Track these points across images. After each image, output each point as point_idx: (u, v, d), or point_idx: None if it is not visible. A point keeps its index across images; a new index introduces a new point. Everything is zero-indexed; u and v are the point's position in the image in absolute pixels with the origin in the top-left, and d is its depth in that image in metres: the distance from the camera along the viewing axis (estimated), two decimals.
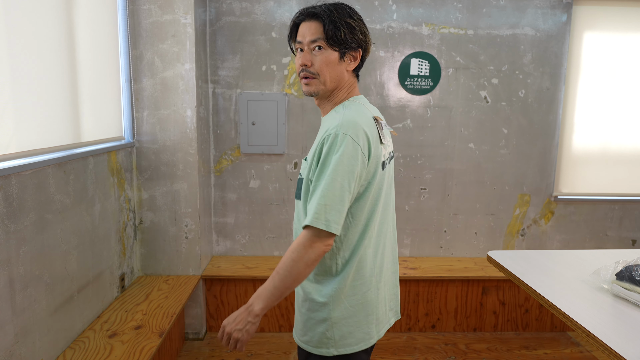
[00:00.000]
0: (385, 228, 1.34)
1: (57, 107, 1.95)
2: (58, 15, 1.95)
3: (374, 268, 1.30)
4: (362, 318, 1.28)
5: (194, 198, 2.77)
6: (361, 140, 1.18)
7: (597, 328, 1.34)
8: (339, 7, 1.26)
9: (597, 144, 3.26)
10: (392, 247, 1.40)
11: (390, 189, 1.37)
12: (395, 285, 1.43)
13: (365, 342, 1.29)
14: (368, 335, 1.29)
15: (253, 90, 3.06)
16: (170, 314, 2.35)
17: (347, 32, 1.24)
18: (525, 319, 3.12)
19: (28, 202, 1.70)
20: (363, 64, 1.34)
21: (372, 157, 1.21)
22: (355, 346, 1.27)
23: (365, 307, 1.28)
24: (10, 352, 1.62)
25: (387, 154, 1.32)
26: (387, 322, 1.39)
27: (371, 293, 1.29)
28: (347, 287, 1.25)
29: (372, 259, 1.29)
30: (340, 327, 1.25)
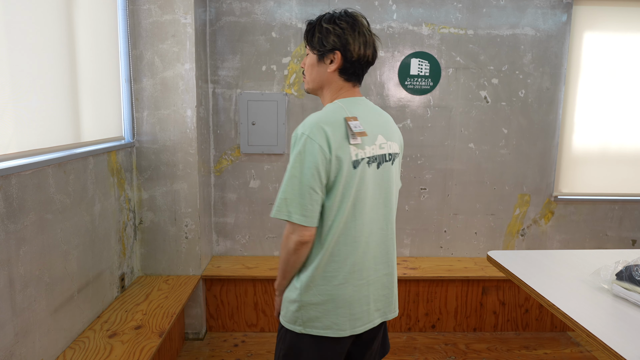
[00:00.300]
0: (370, 228, 1.38)
1: (57, 107, 1.95)
2: (58, 15, 1.95)
3: (350, 265, 1.35)
4: (330, 308, 1.36)
5: (194, 198, 2.77)
6: (319, 139, 1.27)
7: (597, 328, 1.34)
8: (328, 14, 1.39)
9: (597, 144, 3.26)
10: (385, 249, 1.42)
11: (378, 189, 1.39)
12: (386, 287, 1.44)
13: (333, 331, 1.37)
14: (337, 326, 1.37)
15: (253, 90, 3.06)
16: (170, 314, 2.35)
17: (322, 37, 1.36)
18: (525, 319, 3.12)
19: (28, 202, 1.70)
20: (353, 67, 1.38)
21: (334, 155, 1.28)
22: (322, 330, 1.37)
23: (336, 299, 1.36)
24: (10, 352, 1.62)
25: (369, 155, 1.35)
26: (369, 322, 1.42)
27: (345, 288, 1.36)
28: (317, 276, 1.35)
29: (346, 255, 1.35)
30: (308, 310, 1.37)
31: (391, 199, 1.43)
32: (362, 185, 1.34)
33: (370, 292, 1.41)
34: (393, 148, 1.42)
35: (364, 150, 1.33)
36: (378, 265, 1.41)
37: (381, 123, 1.41)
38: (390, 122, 1.47)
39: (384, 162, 1.39)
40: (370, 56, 1.38)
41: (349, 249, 1.35)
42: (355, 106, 1.38)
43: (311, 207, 1.28)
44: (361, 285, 1.38)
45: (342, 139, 1.29)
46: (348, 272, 1.35)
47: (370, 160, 1.35)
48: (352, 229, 1.34)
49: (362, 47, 1.35)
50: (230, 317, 3.03)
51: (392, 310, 1.49)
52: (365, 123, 1.35)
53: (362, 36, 1.35)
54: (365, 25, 1.38)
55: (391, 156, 1.42)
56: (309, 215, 1.28)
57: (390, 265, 1.45)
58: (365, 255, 1.38)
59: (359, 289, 1.38)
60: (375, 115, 1.41)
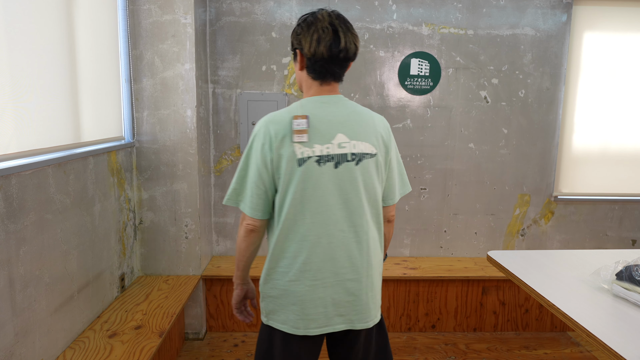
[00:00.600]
0: (324, 229, 1.35)
1: (57, 107, 1.95)
2: (58, 15, 1.95)
3: (300, 263, 1.36)
4: (285, 304, 1.39)
5: (194, 198, 2.77)
6: (263, 136, 1.34)
7: (597, 328, 1.34)
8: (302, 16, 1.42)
9: (597, 144, 3.26)
10: (347, 253, 1.37)
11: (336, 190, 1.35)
12: (351, 293, 1.38)
13: (288, 326, 1.39)
14: (291, 322, 1.39)
15: (253, 90, 3.07)
16: (170, 314, 2.35)
17: (291, 38, 1.43)
18: (525, 319, 3.12)
19: (28, 202, 1.70)
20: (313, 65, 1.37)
21: (275, 153, 1.32)
22: (280, 324, 1.40)
23: (289, 296, 1.38)
24: (10, 352, 1.62)
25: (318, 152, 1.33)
26: (326, 325, 1.39)
27: (297, 286, 1.37)
28: (272, 270, 1.40)
29: (295, 253, 1.36)
30: (268, 302, 1.43)
31: (354, 201, 1.36)
32: (310, 183, 1.33)
33: (327, 294, 1.37)
34: (361, 148, 1.37)
35: (312, 148, 1.33)
36: (339, 269, 1.37)
37: (348, 122, 1.37)
38: (369, 122, 1.40)
39: (345, 162, 1.35)
40: (324, 52, 1.33)
41: (298, 246, 1.35)
42: (317, 104, 1.38)
43: (256, 200, 1.36)
44: (315, 286, 1.36)
45: (286, 137, 1.32)
46: (299, 271, 1.36)
47: (321, 159, 1.33)
48: (301, 227, 1.35)
49: (315, 43, 1.33)
50: (230, 317, 3.03)
51: (363, 319, 1.41)
52: (320, 122, 1.34)
53: (316, 33, 1.33)
54: (325, 21, 1.34)
55: (355, 156, 1.36)
56: (254, 208, 1.36)
57: (357, 271, 1.39)
58: (318, 255, 1.35)
59: (312, 289, 1.36)
60: (341, 114, 1.37)
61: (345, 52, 1.35)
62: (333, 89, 1.41)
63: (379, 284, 1.48)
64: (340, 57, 1.35)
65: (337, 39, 1.33)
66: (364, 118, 1.40)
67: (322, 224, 1.35)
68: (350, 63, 1.41)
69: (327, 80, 1.39)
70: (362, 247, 1.39)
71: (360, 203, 1.37)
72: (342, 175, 1.35)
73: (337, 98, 1.41)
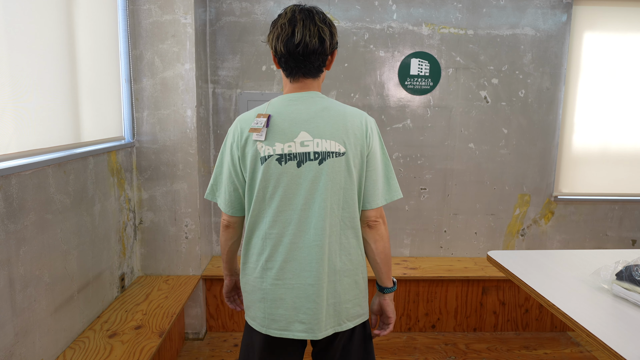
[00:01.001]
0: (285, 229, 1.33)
1: (57, 107, 1.95)
2: (58, 15, 1.95)
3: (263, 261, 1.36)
4: (253, 300, 1.40)
5: (194, 198, 2.77)
6: (232, 135, 1.37)
7: (597, 328, 1.34)
8: None
9: (597, 144, 3.26)
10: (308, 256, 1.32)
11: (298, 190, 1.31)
12: (311, 299, 1.32)
13: (257, 323, 1.39)
14: (259, 320, 1.39)
15: (253, 90, 3.06)
16: (170, 314, 2.35)
17: None
18: (525, 319, 3.12)
19: (28, 202, 1.70)
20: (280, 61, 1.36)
21: (241, 151, 1.34)
22: (250, 320, 1.42)
23: (255, 292, 1.38)
24: (10, 352, 1.62)
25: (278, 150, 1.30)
26: (285, 329, 1.35)
27: (262, 283, 1.37)
28: (244, 265, 1.42)
29: (259, 250, 1.37)
30: (244, 297, 1.45)
31: (318, 202, 1.31)
32: (271, 182, 1.31)
33: (288, 297, 1.33)
34: (324, 146, 1.31)
35: (273, 147, 1.30)
36: (300, 271, 1.32)
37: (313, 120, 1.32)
38: (338, 119, 1.33)
39: (308, 161, 1.30)
40: (282, 49, 1.30)
41: (261, 244, 1.35)
42: (284, 102, 1.36)
43: (229, 196, 1.40)
44: (277, 285, 1.34)
45: (250, 136, 1.33)
46: (262, 268, 1.36)
47: (282, 157, 1.30)
48: (263, 225, 1.35)
49: (274, 41, 1.32)
50: (230, 317, 3.03)
51: (322, 328, 1.34)
52: (283, 120, 1.32)
53: (276, 30, 1.31)
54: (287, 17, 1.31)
55: (318, 155, 1.30)
56: (228, 204, 1.41)
57: (317, 276, 1.32)
58: (280, 254, 1.33)
59: (274, 289, 1.34)
60: (308, 111, 1.33)
61: (304, 47, 1.29)
62: (305, 85, 1.37)
63: (349, 292, 1.38)
64: (300, 52, 1.30)
65: (293, 34, 1.29)
66: (333, 115, 1.33)
67: (284, 223, 1.33)
68: (322, 57, 1.34)
69: (296, 76, 1.36)
70: (323, 251, 1.32)
71: (324, 204, 1.31)
72: (304, 174, 1.31)
73: (307, 95, 1.36)
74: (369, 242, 1.43)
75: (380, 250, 1.43)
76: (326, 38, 1.32)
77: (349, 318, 1.40)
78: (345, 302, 1.38)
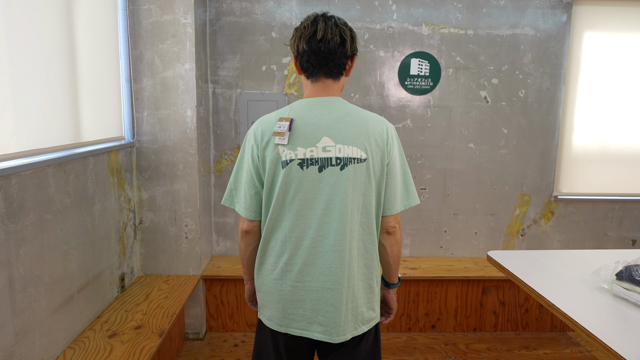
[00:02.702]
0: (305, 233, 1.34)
1: (57, 107, 1.95)
2: (58, 15, 1.95)
3: (283, 264, 1.37)
4: (270, 300, 1.41)
5: (194, 198, 2.77)
6: (252, 138, 1.37)
7: (597, 328, 1.34)
8: None
9: (597, 143, 3.26)
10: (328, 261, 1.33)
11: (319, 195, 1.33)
12: (330, 303, 1.34)
13: (273, 323, 1.41)
14: (276, 319, 1.41)
15: (253, 90, 3.07)
16: (170, 314, 2.35)
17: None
18: (525, 319, 3.12)
19: (28, 202, 1.70)
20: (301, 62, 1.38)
21: (261, 155, 1.35)
22: (266, 320, 1.43)
23: (273, 293, 1.40)
24: (10, 352, 1.62)
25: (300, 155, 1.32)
26: (305, 329, 1.38)
27: (281, 284, 1.38)
28: (260, 267, 1.43)
29: (279, 253, 1.37)
30: (259, 297, 1.47)
31: (339, 207, 1.31)
32: (292, 186, 1.32)
33: (307, 298, 1.35)
34: (346, 152, 1.32)
35: (295, 151, 1.31)
36: (319, 275, 1.34)
37: (336, 125, 1.33)
38: (360, 125, 1.34)
39: (329, 166, 1.31)
40: (305, 46, 1.33)
41: (281, 246, 1.36)
42: (306, 106, 1.36)
43: (250, 200, 1.39)
44: (297, 287, 1.36)
45: (271, 139, 1.33)
46: (282, 271, 1.37)
47: (304, 162, 1.31)
48: (281, 229, 1.36)
49: (297, 41, 1.35)
50: (230, 317, 3.03)
51: (341, 333, 1.36)
52: (306, 125, 1.32)
53: (299, 31, 1.35)
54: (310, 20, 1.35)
55: (340, 160, 1.32)
56: (248, 209, 1.39)
57: (337, 281, 1.33)
58: (300, 257, 1.34)
59: (294, 290, 1.36)
60: (330, 117, 1.34)
61: (325, 44, 1.31)
62: (326, 87, 1.37)
63: (365, 296, 1.40)
64: (322, 50, 1.32)
65: (315, 32, 1.32)
66: (355, 121, 1.34)
67: (303, 227, 1.34)
68: (342, 57, 1.36)
69: (317, 76, 1.36)
70: (343, 255, 1.33)
71: (344, 210, 1.31)
72: (326, 180, 1.32)
73: (330, 100, 1.37)
74: (385, 246, 1.46)
75: (395, 254, 1.48)
76: (347, 38, 1.34)
77: (364, 322, 1.42)
78: (361, 305, 1.40)
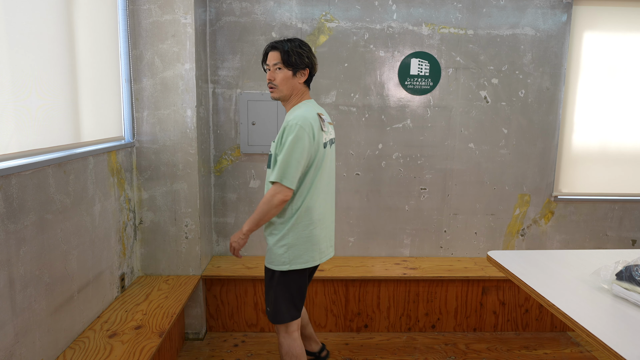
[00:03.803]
0: (328, 189, 2.04)
1: (57, 107, 1.95)
2: (58, 15, 1.95)
3: (320, 214, 1.99)
4: (308, 247, 1.97)
5: (194, 198, 2.77)
6: (307, 128, 1.85)
7: (597, 328, 1.34)
8: (292, 41, 1.95)
9: (597, 143, 3.26)
10: (332, 205, 2.11)
11: (332, 164, 2.07)
12: (332, 230, 2.13)
13: (309, 263, 1.99)
14: (312, 259, 1.99)
15: (253, 90, 3.07)
16: (170, 314, 2.35)
17: (297, 58, 1.92)
18: (525, 319, 3.12)
19: (28, 202, 1.70)
20: (312, 78, 2.04)
21: (315, 139, 1.88)
22: (303, 264, 1.97)
23: (311, 239, 1.97)
24: (10, 352, 1.62)
25: (329, 139, 2.00)
26: (327, 255, 2.08)
27: (317, 231, 1.98)
28: (298, 224, 1.94)
29: (318, 208, 1.97)
30: (293, 251, 1.95)
31: (334, 171, 2.10)
32: (325, 160, 1.97)
33: (326, 233, 2.05)
34: (333, 134, 2.08)
35: (327, 135, 1.98)
36: (329, 215, 2.08)
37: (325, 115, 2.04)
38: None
39: (331, 145, 2.04)
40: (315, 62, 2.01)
41: (320, 204, 1.98)
42: (314, 105, 2.03)
43: (297, 176, 1.85)
44: (323, 228, 2.02)
45: (319, 129, 1.92)
46: (317, 220, 1.97)
47: (328, 142, 1.99)
48: (318, 190, 1.96)
49: (313, 58, 2.00)
50: (230, 317, 3.03)
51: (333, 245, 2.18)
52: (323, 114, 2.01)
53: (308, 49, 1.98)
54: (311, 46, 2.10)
55: (332, 140, 2.06)
56: (293, 181, 1.84)
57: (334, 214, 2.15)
58: (326, 208, 2.03)
59: (323, 231, 2.02)
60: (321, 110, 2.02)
61: None
62: None
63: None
64: None
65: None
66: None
67: (328, 186, 2.04)
68: None
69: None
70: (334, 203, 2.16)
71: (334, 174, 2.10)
72: (332, 154, 2.07)
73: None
74: None
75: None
76: None
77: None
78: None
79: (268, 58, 1.96)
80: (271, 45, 1.95)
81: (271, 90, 1.97)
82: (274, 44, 1.94)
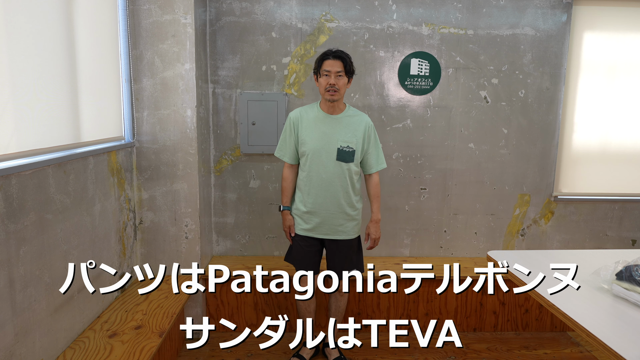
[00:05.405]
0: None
1: (57, 107, 1.95)
2: (58, 15, 1.95)
3: None
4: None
5: (194, 198, 2.77)
6: None
7: (597, 328, 1.34)
8: (348, 54, 2.32)
9: (597, 143, 3.26)
10: None
11: None
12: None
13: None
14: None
15: (253, 90, 3.07)
16: (170, 314, 2.35)
17: (353, 68, 2.33)
18: (525, 319, 3.12)
19: (28, 202, 1.70)
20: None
21: None
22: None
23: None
24: (10, 352, 1.62)
25: None
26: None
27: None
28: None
29: None
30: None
31: None
32: None
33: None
34: None
35: None
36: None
37: None
38: None
39: None
40: None
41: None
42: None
43: None
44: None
45: None
46: None
47: None
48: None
49: None
50: (230, 317, 3.03)
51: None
52: None
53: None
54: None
55: None
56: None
57: None
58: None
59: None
60: None
61: None
62: None
63: None
64: None
65: None
66: None
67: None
68: None
69: None
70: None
71: None
72: None
73: None
74: None
75: None
76: None
77: None
78: None
79: (330, 65, 2.25)
80: (336, 55, 2.25)
81: (332, 94, 2.26)
82: (339, 54, 2.25)
